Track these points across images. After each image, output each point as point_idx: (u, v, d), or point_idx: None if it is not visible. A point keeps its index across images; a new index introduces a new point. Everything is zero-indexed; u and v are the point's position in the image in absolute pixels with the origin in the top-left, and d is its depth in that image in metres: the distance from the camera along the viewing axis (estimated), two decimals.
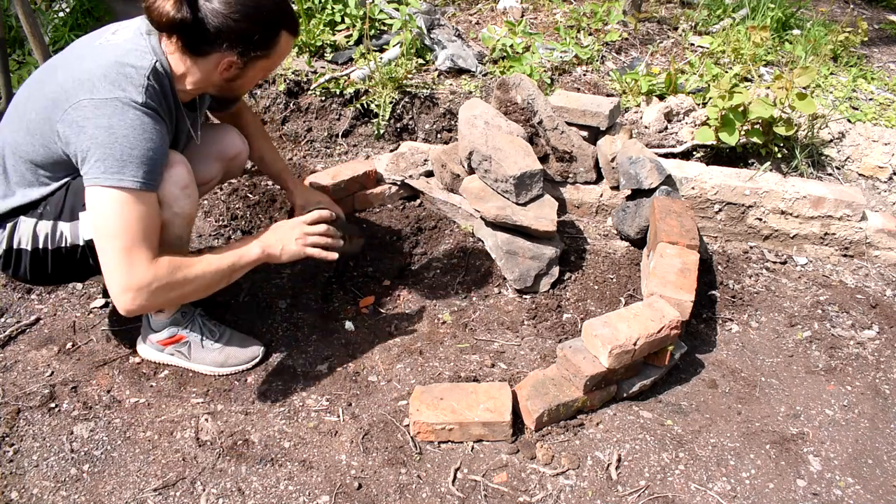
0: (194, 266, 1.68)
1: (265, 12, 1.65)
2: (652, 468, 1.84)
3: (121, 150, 1.55)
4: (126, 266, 1.57)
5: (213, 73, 1.71)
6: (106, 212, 1.57)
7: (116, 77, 1.59)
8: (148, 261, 1.58)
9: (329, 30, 3.42)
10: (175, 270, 1.63)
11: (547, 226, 2.36)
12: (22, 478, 1.73)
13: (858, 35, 3.73)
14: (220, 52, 1.66)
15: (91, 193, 1.58)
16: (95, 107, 1.56)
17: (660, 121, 3.12)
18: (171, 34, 1.62)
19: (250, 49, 1.68)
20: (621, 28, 3.90)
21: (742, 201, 2.79)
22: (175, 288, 1.64)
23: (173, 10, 1.55)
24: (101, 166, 1.55)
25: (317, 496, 1.71)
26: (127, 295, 1.58)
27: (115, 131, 1.55)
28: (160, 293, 1.61)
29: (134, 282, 1.57)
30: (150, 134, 1.60)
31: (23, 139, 1.68)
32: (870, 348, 2.35)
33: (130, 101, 1.58)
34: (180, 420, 1.90)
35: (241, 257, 1.77)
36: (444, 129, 3.19)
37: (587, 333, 1.93)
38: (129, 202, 1.57)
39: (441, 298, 2.42)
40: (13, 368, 2.04)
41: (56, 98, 1.61)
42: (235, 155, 2.16)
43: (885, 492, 1.83)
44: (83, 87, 1.59)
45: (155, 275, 1.58)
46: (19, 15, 2.70)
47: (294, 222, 1.89)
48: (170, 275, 1.61)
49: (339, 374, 2.10)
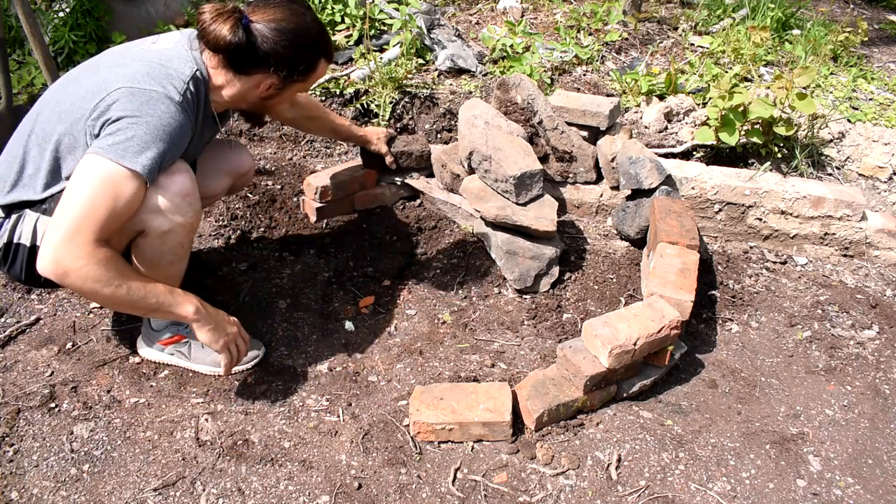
0: (126, 281, 1.63)
1: (311, 41, 1.79)
2: (652, 468, 1.84)
3: (140, 134, 1.58)
4: (70, 234, 1.54)
5: (251, 91, 1.81)
6: (92, 180, 1.56)
7: (158, 75, 1.66)
8: (90, 243, 1.55)
9: (329, 30, 3.42)
10: (108, 269, 1.59)
11: (547, 226, 2.36)
12: (22, 478, 1.73)
13: (858, 35, 3.73)
14: (263, 74, 1.77)
15: (92, 161, 1.58)
16: (132, 93, 1.62)
17: (660, 121, 3.12)
18: (219, 52, 1.72)
19: (293, 74, 1.80)
20: (621, 28, 3.90)
21: (742, 201, 2.79)
22: (95, 283, 1.58)
23: (230, 34, 1.66)
24: (112, 140, 1.58)
25: (317, 496, 1.71)
26: (51, 258, 1.55)
27: (141, 116, 1.60)
28: (79, 278, 1.56)
29: (65, 252, 1.54)
30: (173, 129, 1.64)
31: (52, 127, 1.70)
32: (870, 348, 2.35)
33: (167, 96, 1.64)
34: (180, 420, 1.90)
35: (171, 306, 1.73)
36: (444, 129, 3.19)
37: (587, 333, 1.93)
38: (117, 182, 1.57)
39: (441, 298, 2.42)
40: (13, 368, 2.04)
41: (95, 89, 1.65)
42: (246, 172, 2.25)
43: (885, 492, 1.83)
44: (124, 79, 1.64)
45: (88, 260, 1.55)
46: (19, 15, 2.70)
47: (236, 323, 1.91)
48: (99, 269, 1.57)
49: (339, 374, 2.10)
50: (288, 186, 2.94)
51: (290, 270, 2.51)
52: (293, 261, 2.56)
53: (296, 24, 1.74)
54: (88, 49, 3.35)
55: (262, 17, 1.71)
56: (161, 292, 1.71)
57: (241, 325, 1.94)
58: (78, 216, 1.55)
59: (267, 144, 3.20)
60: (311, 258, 2.58)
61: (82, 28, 3.36)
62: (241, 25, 1.67)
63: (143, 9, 3.54)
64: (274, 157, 3.15)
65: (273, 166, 3.07)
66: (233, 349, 1.88)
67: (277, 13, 1.72)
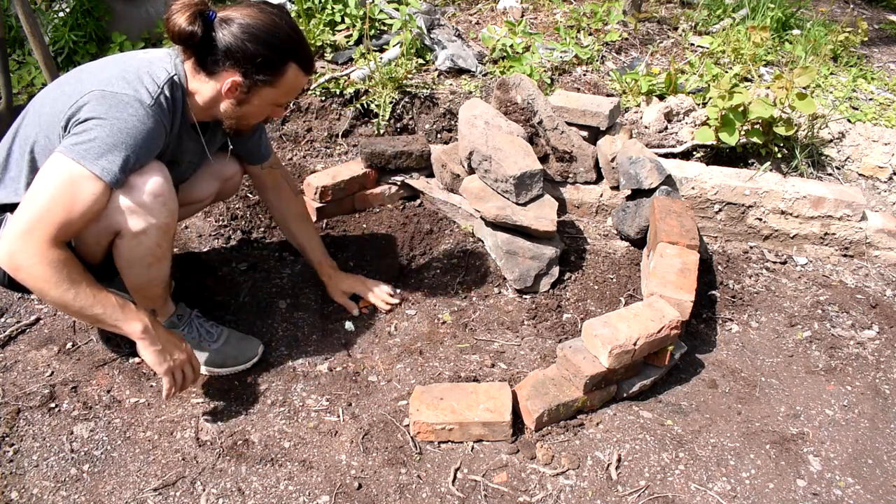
0: (75, 286, 1.60)
1: (277, 41, 1.72)
2: (652, 468, 1.84)
3: (103, 136, 1.58)
4: (26, 230, 1.54)
5: (220, 93, 1.76)
6: (53, 178, 1.56)
7: (132, 79, 1.66)
8: (44, 242, 1.54)
9: (329, 30, 3.42)
10: (58, 271, 1.57)
11: (547, 226, 2.36)
12: (22, 478, 1.73)
13: (858, 35, 3.73)
14: (226, 71, 1.72)
15: (55, 159, 1.58)
16: (102, 96, 1.61)
17: (660, 121, 3.12)
18: (185, 48, 1.71)
19: (253, 71, 1.72)
20: (621, 28, 3.90)
21: (742, 201, 2.79)
22: (44, 283, 1.57)
23: (186, 24, 1.64)
24: (76, 139, 1.58)
25: (317, 496, 1.71)
26: (6, 252, 1.55)
27: (107, 118, 1.59)
28: (29, 276, 1.56)
29: (18, 248, 1.54)
30: (139, 133, 1.62)
31: (31, 130, 1.71)
32: (870, 348, 2.35)
33: (137, 99, 1.63)
34: (180, 420, 1.90)
35: (117, 320, 1.68)
36: (444, 129, 3.19)
37: (587, 333, 1.93)
38: (76, 182, 1.57)
39: (441, 298, 2.42)
40: (13, 368, 2.04)
41: (72, 92, 1.66)
42: (231, 175, 2.21)
43: (885, 492, 1.83)
44: (99, 83, 1.65)
45: (40, 259, 1.54)
46: (19, 15, 2.70)
47: (188, 350, 1.83)
48: (49, 270, 1.56)
49: (339, 374, 2.10)
50: None
51: (290, 270, 2.51)
52: (293, 261, 2.56)
53: (262, 21, 1.70)
54: (88, 49, 3.35)
55: (230, 13, 1.70)
56: (110, 304, 1.65)
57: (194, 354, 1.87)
58: (36, 213, 1.55)
59: None
60: None
61: (82, 28, 3.36)
62: (199, 17, 1.64)
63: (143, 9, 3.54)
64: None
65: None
66: (177, 375, 1.78)
67: (246, 10, 1.71)
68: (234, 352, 2.07)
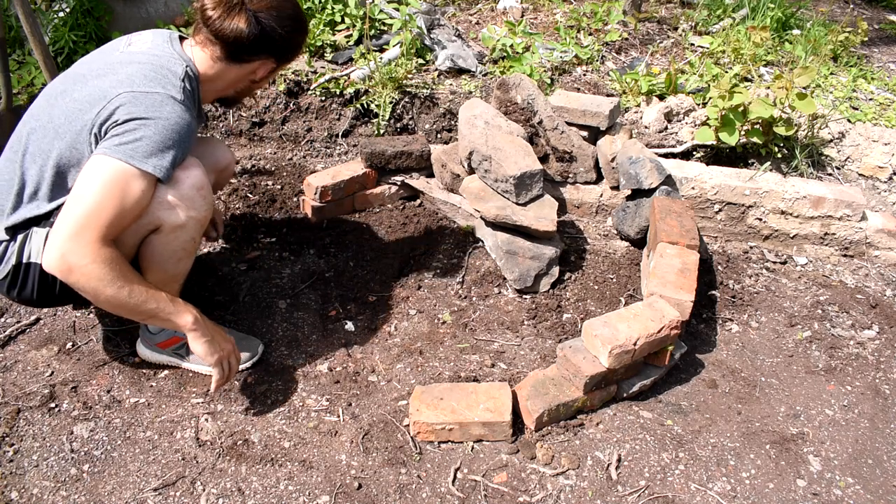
0: (129, 283, 1.62)
1: (303, 25, 1.85)
2: (652, 468, 1.84)
3: (150, 135, 1.59)
4: (77, 231, 1.54)
5: (245, 78, 1.84)
6: (100, 179, 1.56)
7: (155, 76, 1.67)
8: (96, 241, 1.55)
9: (329, 30, 3.42)
10: (112, 269, 1.58)
11: (547, 226, 2.36)
12: (22, 478, 1.73)
13: (858, 35, 3.73)
14: (262, 61, 1.81)
15: (100, 162, 1.57)
16: (134, 98, 1.62)
17: (660, 121, 3.12)
18: (219, 43, 1.74)
19: (288, 56, 1.86)
20: (621, 28, 3.90)
21: (742, 201, 2.79)
22: (98, 282, 1.58)
23: (247, 27, 1.71)
24: (120, 140, 1.58)
25: (317, 496, 1.71)
26: (56, 254, 1.54)
27: (150, 118, 1.60)
28: (83, 276, 1.56)
29: (70, 249, 1.54)
30: (181, 129, 1.65)
31: (49, 144, 1.68)
32: (870, 348, 2.35)
33: (170, 96, 1.65)
34: (180, 420, 1.90)
35: (169, 314, 1.72)
36: (444, 129, 3.19)
37: (587, 333, 1.93)
38: (126, 181, 1.58)
39: (441, 298, 2.42)
40: (13, 368, 2.04)
41: (92, 99, 1.64)
42: (226, 166, 2.22)
43: (885, 492, 1.83)
44: (122, 84, 1.64)
45: (93, 258, 1.55)
46: (19, 15, 2.70)
47: (231, 341, 1.88)
48: (103, 268, 1.57)
49: (339, 374, 2.10)
50: (288, 186, 2.94)
51: (290, 270, 2.51)
52: (293, 261, 2.56)
53: (291, 9, 1.79)
54: (88, 49, 3.34)
55: (259, 5, 1.73)
56: (162, 298, 1.70)
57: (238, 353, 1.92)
58: (85, 214, 1.55)
59: (267, 144, 3.20)
60: (311, 258, 2.58)
61: (82, 28, 3.36)
62: (253, 17, 1.70)
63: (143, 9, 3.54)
64: (274, 157, 3.15)
65: (273, 166, 3.07)
66: (225, 366, 1.84)
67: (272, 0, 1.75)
68: None
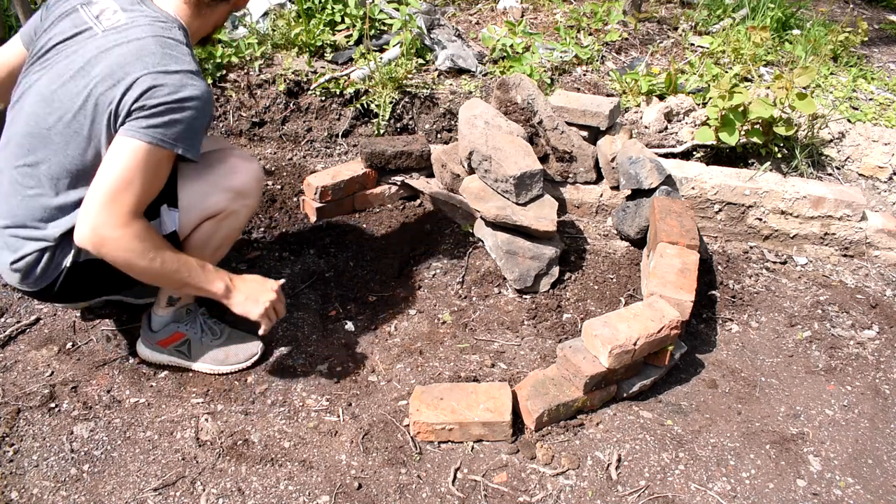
0: (160, 253, 1.63)
1: None
2: (652, 468, 1.84)
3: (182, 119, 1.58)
4: (107, 204, 1.54)
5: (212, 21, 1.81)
6: (130, 157, 1.55)
7: (165, 50, 1.60)
8: (127, 214, 1.56)
9: (329, 30, 3.41)
10: (143, 240, 1.59)
11: (547, 226, 2.36)
12: (22, 478, 1.73)
13: (858, 35, 3.73)
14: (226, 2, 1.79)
15: (129, 144, 1.55)
16: (155, 78, 1.56)
17: (660, 121, 3.12)
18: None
19: None
20: (621, 28, 3.90)
21: (742, 201, 2.79)
22: (131, 253, 1.58)
23: None
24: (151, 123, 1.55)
25: (317, 496, 1.71)
26: (88, 228, 1.55)
27: (178, 102, 1.57)
28: (115, 248, 1.57)
29: (102, 222, 1.54)
30: (207, 102, 1.62)
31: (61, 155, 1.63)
32: (870, 348, 2.35)
33: (189, 71, 1.60)
34: (180, 420, 1.90)
35: (201, 282, 1.73)
36: (444, 129, 3.19)
37: (587, 333, 1.93)
38: (156, 158, 1.58)
39: (441, 298, 2.42)
40: (13, 368, 2.04)
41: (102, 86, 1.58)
42: None
43: (885, 492, 1.83)
44: (134, 66, 1.57)
45: (125, 230, 1.56)
46: (19, 15, 2.70)
47: (270, 285, 1.87)
48: (135, 240, 1.58)
49: (339, 374, 2.10)
50: (288, 186, 2.94)
51: (290, 270, 2.51)
52: (293, 261, 2.56)
53: None
54: None
55: None
56: (193, 267, 1.71)
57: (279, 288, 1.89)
58: (116, 187, 1.55)
59: (267, 144, 3.20)
60: (311, 258, 2.58)
61: None
62: None
63: None
64: (274, 157, 3.15)
65: (273, 166, 3.07)
66: (271, 314, 1.86)
67: None
68: (234, 350, 2.07)
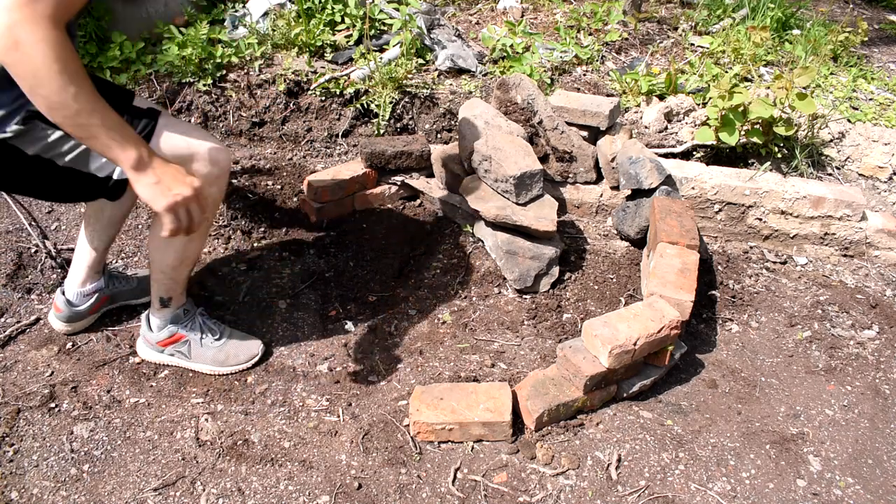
0: (79, 81, 1.36)
1: None
2: (652, 468, 1.84)
3: None
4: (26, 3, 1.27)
5: None
6: None
7: None
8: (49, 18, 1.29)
9: (329, 30, 3.41)
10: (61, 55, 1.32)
11: (547, 226, 2.36)
12: (22, 478, 1.73)
13: (858, 35, 3.73)
14: None
15: None
16: None
17: (660, 121, 3.12)
18: None
19: None
20: (621, 28, 3.90)
21: (742, 201, 2.79)
22: (44, 66, 1.31)
23: None
24: None
25: (317, 496, 1.71)
26: (2, 24, 1.27)
27: None
28: (28, 56, 1.30)
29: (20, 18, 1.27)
30: None
31: None
32: (870, 348, 2.35)
33: None
34: (180, 420, 1.90)
35: (115, 138, 1.42)
36: (444, 129, 3.19)
37: (587, 333, 1.93)
38: None
39: (441, 298, 2.42)
40: (13, 368, 2.04)
41: None
42: None
43: (885, 492, 1.83)
44: None
45: (44, 34, 1.29)
46: None
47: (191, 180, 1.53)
48: (54, 51, 1.31)
49: (339, 374, 2.10)
50: (288, 186, 2.94)
51: (290, 270, 2.51)
52: (293, 261, 2.56)
53: None
54: (88, 49, 3.35)
55: None
56: (109, 117, 1.40)
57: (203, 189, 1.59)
58: None
59: (267, 144, 3.20)
60: (311, 258, 2.58)
61: (82, 28, 3.35)
62: None
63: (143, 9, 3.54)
64: (274, 157, 3.15)
65: (273, 166, 3.07)
66: (181, 214, 1.51)
67: None
68: (234, 350, 2.07)
